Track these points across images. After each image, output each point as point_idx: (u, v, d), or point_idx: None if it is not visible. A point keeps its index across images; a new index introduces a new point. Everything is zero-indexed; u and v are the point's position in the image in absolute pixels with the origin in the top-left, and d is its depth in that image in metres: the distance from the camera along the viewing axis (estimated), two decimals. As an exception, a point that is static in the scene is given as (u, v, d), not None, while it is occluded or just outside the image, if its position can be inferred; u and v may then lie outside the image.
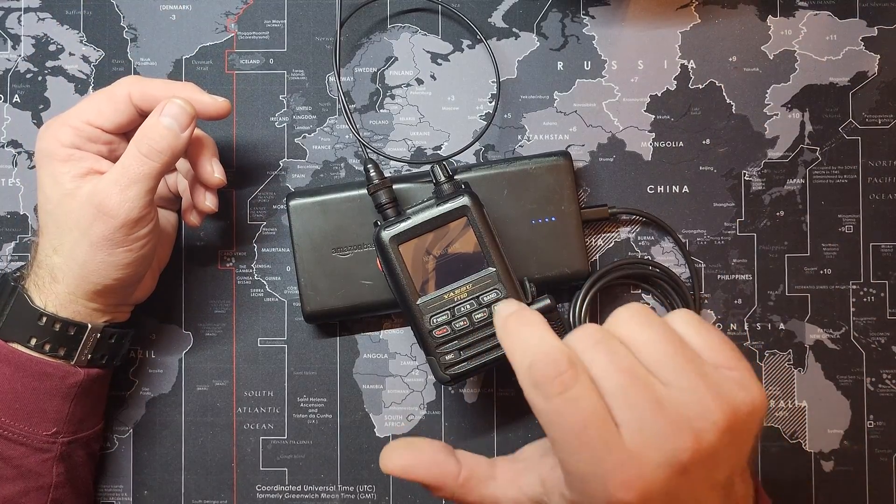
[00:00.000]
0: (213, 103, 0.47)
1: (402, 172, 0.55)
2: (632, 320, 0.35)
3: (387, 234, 0.47)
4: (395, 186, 0.49)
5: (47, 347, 0.46)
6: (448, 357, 0.47)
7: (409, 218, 0.47)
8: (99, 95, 0.47)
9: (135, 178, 0.44)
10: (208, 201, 0.50)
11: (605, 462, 0.32)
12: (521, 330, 0.35)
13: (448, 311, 0.47)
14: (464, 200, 0.47)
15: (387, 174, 0.52)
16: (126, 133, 0.48)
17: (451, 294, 0.47)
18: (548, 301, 0.46)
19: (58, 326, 0.46)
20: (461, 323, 0.47)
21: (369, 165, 0.49)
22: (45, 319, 0.46)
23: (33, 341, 0.46)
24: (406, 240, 0.47)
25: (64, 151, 0.46)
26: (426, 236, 0.47)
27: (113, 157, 0.47)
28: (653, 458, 0.32)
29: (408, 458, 0.37)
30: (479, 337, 0.47)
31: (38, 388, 0.46)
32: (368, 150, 0.53)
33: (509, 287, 0.47)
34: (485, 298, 0.47)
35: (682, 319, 0.36)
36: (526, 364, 0.33)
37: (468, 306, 0.47)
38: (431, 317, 0.47)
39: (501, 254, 0.47)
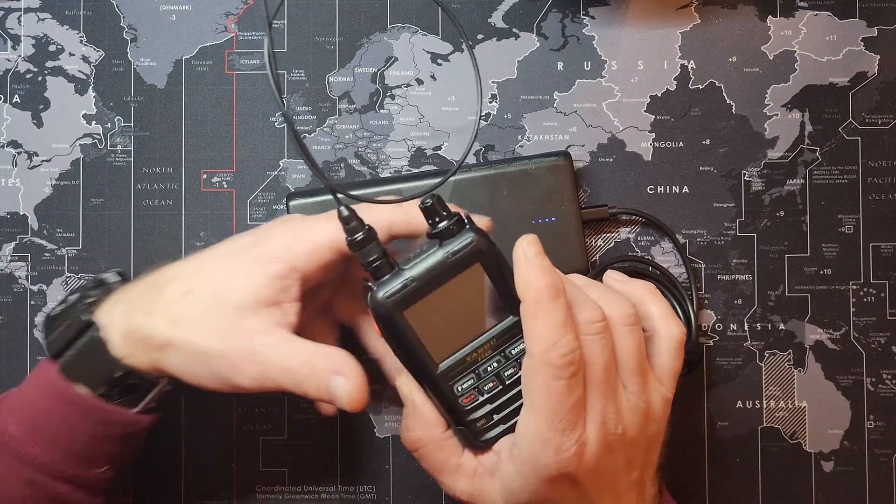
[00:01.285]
0: None
1: (402, 172, 0.54)
2: (629, 328, 0.40)
3: (387, 301, 0.38)
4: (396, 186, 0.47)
5: (116, 398, 0.43)
6: (480, 423, 0.41)
7: (408, 275, 0.39)
8: (326, 251, 0.42)
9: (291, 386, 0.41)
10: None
11: (568, 436, 0.38)
12: (550, 303, 0.38)
13: (473, 375, 0.40)
14: (474, 244, 0.39)
15: (387, 174, 0.51)
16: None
17: (474, 354, 0.40)
18: None
19: (135, 380, 0.43)
20: (489, 384, 0.41)
21: (346, 214, 0.39)
22: (121, 371, 0.42)
23: (101, 389, 0.42)
24: (411, 303, 0.39)
25: (293, 291, 0.42)
26: (434, 293, 0.39)
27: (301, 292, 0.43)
28: (597, 438, 0.39)
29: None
30: (512, 393, 0.41)
31: (98, 433, 0.43)
32: (341, 199, 0.40)
33: None
34: (512, 351, 0.41)
35: (669, 337, 0.43)
36: (545, 346, 0.38)
37: (494, 364, 0.41)
38: (455, 384, 0.40)
39: None
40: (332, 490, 0.55)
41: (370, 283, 0.39)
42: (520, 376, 0.40)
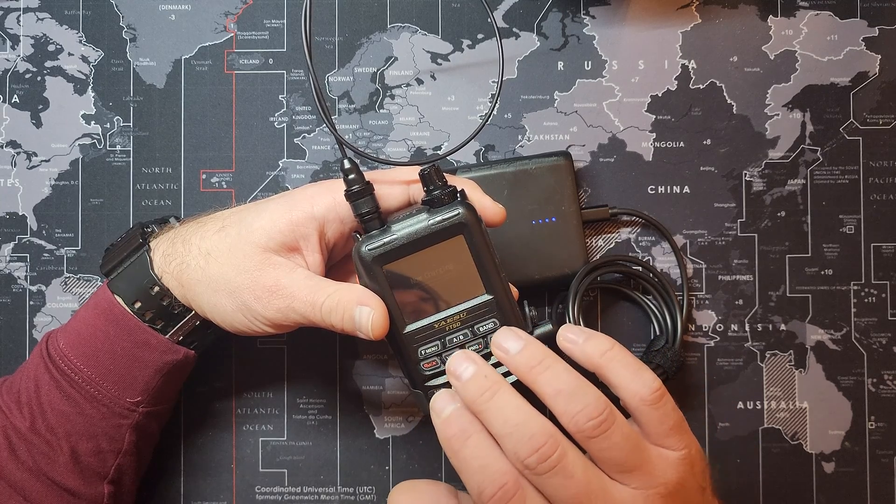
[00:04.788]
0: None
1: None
2: (593, 432, 0.37)
3: (369, 253, 0.40)
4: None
5: (148, 316, 0.46)
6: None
7: (394, 233, 0.41)
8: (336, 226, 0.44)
9: (314, 320, 0.43)
10: None
11: None
12: (462, 451, 0.37)
13: (438, 342, 0.42)
14: (460, 216, 0.40)
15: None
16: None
17: (443, 322, 0.41)
18: (549, 327, 0.42)
19: (166, 301, 0.45)
20: None
21: (348, 166, 0.42)
22: (156, 290, 0.45)
23: (137, 305, 0.45)
24: (392, 260, 0.41)
25: (312, 240, 0.44)
26: (415, 255, 0.41)
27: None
28: None
29: (410, 500, 0.42)
30: None
31: (137, 355, 0.46)
32: (348, 150, 0.43)
33: (508, 315, 0.42)
34: (480, 328, 0.42)
35: (650, 406, 0.39)
36: (476, 491, 0.37)
37: (461, 336, 0.42)
38: (420, 348, 0.42)
39: (500, 277, 0.42)
40: (332, 491, 0.54)
41: (358, 235, 0.42)
42: (484, 353, 0.42)
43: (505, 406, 0.37)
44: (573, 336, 0.41)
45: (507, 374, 0.40)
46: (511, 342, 0.40)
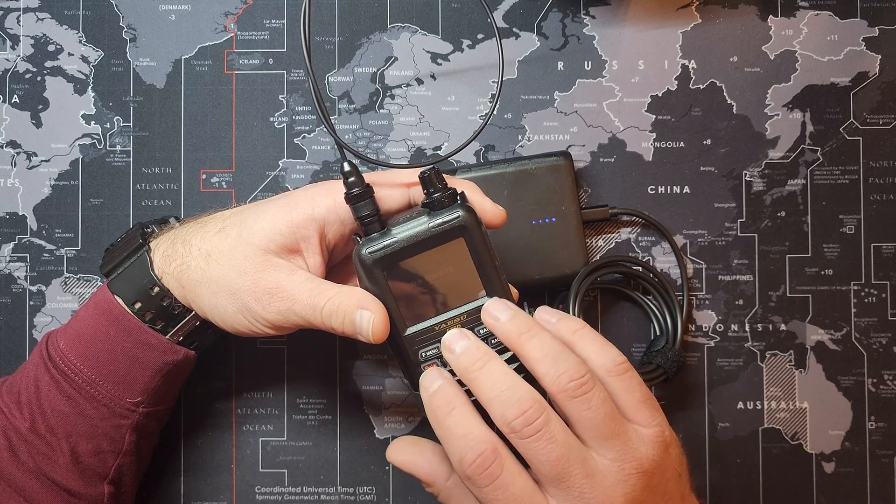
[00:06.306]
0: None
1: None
2: (575, 393, 0.39)
3: (369, 256, 0.40)
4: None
5: (148, 317, 0.46)
6: None
7: (395, 236, 0.41)
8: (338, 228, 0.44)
9: (314, 323, 0.43)
10: None
11: None
12: (447, 420, 0.39)
13: (439, 344, 0.41)
14: (460, 218, 0.40)
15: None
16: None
17: (443, 325, 0.41)
18: None
19: (166, 302, 0.45)
20: None
21: (348, 169, 0.42)
22: (156, 290, 0.45)
23: (137, 305, 0.45)
24: (392, 262, 0.41)
25: (312, 242, 0.43)
26: (415, 258, 0.41)
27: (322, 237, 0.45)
28: None
29: (410, 454, 0.44)
30: None
31: (137, 356, 0.46)
32: (347, 153, 0.44)
33: None
34: (481, 331, 0.42)
35: (615, 377, 0.41)
36: (457, 458, 0.38)
37: None
38: (420, 350, 0.42)
39: (501, 279, 0.42)
40: (332, 491, 0.54)
41: (359, 237, 0.42)
42: None
43: (494, 372, 0.39)
44: (548, 316, 0.43)
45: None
46: (501, 311, 0.41)
